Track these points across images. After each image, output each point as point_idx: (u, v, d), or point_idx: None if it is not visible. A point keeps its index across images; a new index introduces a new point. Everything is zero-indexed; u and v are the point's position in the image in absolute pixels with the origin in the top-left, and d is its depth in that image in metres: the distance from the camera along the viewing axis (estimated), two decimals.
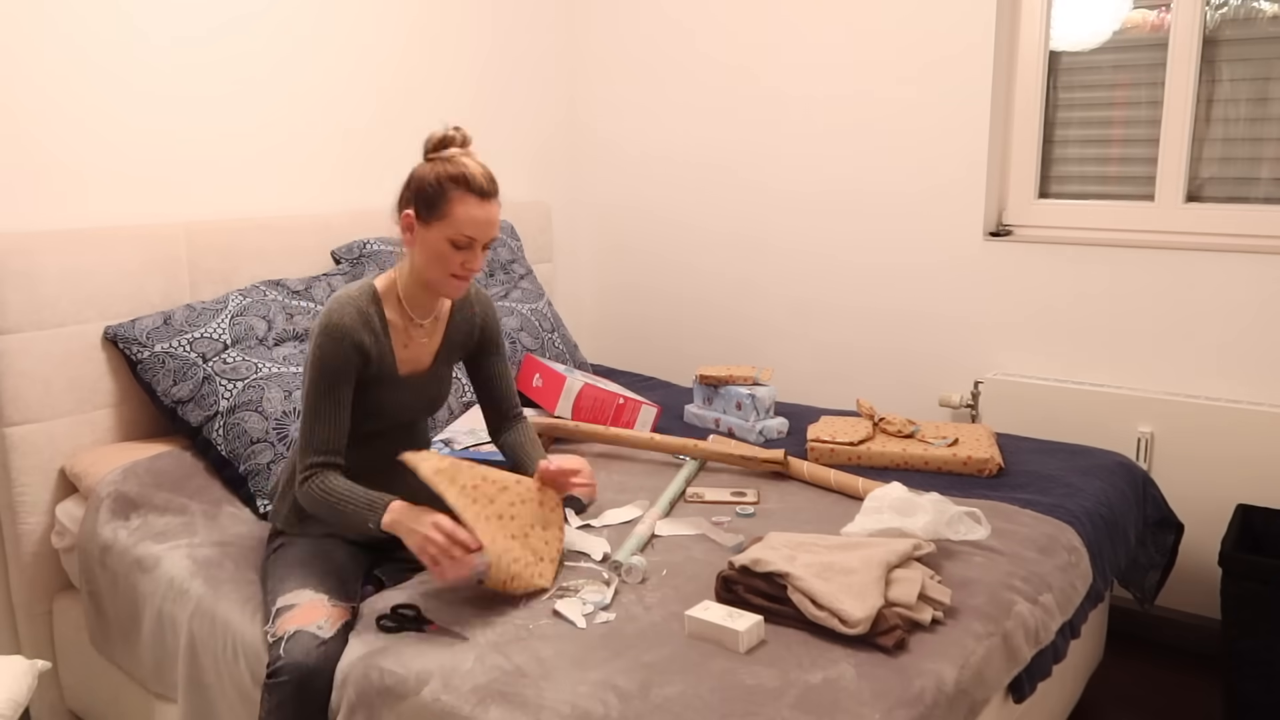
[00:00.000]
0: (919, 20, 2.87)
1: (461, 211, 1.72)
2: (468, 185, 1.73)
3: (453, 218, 1.72)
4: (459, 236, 1.73)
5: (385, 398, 1.81)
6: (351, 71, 2.85)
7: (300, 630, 1.54)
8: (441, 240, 1.74)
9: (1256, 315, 2.51)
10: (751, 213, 3.29)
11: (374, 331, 1.77)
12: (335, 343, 1.71)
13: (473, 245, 1.75)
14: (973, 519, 1.81)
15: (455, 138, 1.77)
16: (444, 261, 1.75)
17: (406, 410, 1.85)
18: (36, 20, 2.19)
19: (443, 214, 1.73)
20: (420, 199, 1.74)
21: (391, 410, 1.83)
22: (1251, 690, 2.22)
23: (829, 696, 1.36)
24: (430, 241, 1.74)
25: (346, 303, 1.75)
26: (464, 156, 1.76)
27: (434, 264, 1.76)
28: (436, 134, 1.78)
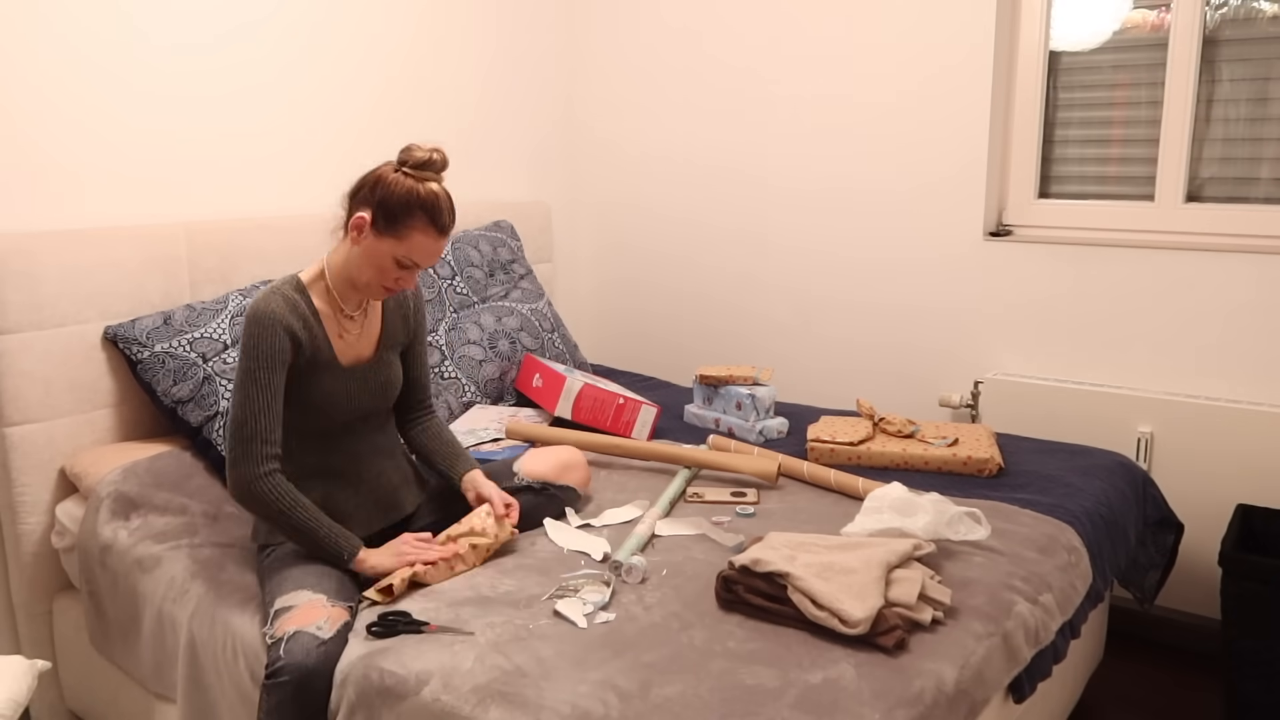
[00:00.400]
0: (919, 20, 2.87)
1: (419, 240, 1.74)
2: (433, 218, 1.74)
3: (409, 242, 1.74)
4: (406, 259, 1.76)
5: (332, 388, 1.81)
6: (352, 73, 2.85)
7: (300, 631, 1.54)
8: (388, 256, 1.76)
9: (1256, 315, 2.51)
10: (752, 213, 3.29)
11: (303, 318, 1.77)
12: (264, 329, 1.71)
13: (415, 268, 1.78)
14: (973, 519, 1.81)
15: (436, 161, 1.76)
16: (383, 274, 1.78)
17: (358, 401, 1.85)
18: (35, 22, 2.19)
19: (399, 234, 1.74)
20: (382, 209, 1.74)
21: (343, 401, 1.83)
22: (1251, 690, 2.22)
23: (829, 696, 1.36)
24: (376, 252, 1.76)
25: (271, 292, 1.76)
26: (436, 184, 1.76)
27: (371, 271, 1.78)
28: (420, 152, 1.76)
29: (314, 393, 1.79)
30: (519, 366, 2.77)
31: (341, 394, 1.82)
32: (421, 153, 1.76)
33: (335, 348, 1.83)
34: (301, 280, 1.81)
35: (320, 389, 1.80)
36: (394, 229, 1.73)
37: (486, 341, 2.73)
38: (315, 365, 1.79)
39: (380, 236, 1.74)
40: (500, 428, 2.47)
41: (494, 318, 2.80)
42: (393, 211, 1.73)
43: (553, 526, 1.96)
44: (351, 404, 1.84)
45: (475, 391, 2.64)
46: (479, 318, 2.77)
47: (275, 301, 1.74)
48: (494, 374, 2.70)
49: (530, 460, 2.04)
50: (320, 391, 1.80)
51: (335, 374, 1.82)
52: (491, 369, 2.70)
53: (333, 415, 1.82)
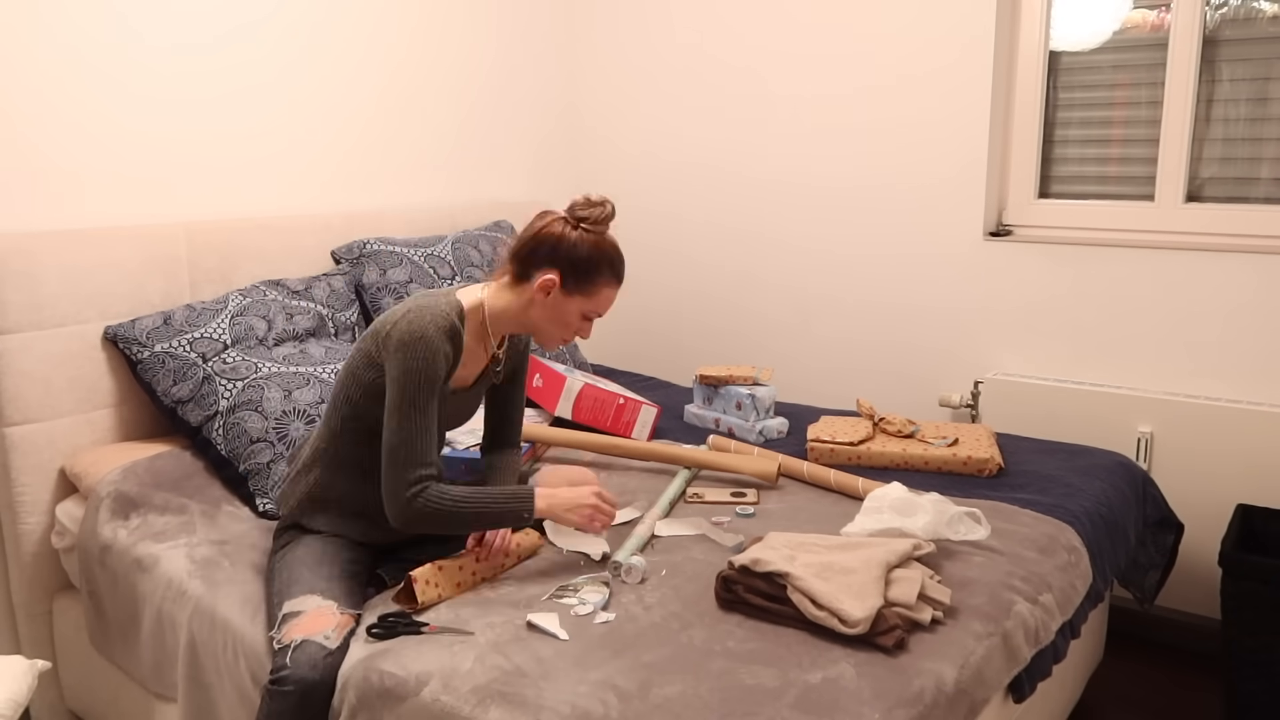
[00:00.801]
0: (919, 20, 2.87)
1: (607, 294, 1.80)
2: (616, 272, 1.80)
3: (598, 298, 1.79)
4: (594, 313, 1.80)
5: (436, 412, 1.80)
6: (352, 73, 2.85)
7: (307, 640, 1.53)
8: (576, 311, 1.80)
9: (1256, 315, 2.51)
10: (752, 212, 3.29)
11: (455, 347, 1.74)
12: (434, 353, 1.67)
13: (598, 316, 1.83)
14: (973, 519, 1.81)
15: (609, 214, 1.79)
16: (569, 327, 1.81)
17: (443, 423, 1.85)
18: (35, 24, 2.19)
19: (589, 291, 1.78)
20: (571, 269, 1.76)
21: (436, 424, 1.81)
22: (1251, 690, 2.22)
23: (829, 696, 1.36)
24: (565, 308, 1.79)
25: (439, 317, 1.71)
26: (611, 238, 1.79)
27: (557, 325, 1.81)
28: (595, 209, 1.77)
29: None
30: None
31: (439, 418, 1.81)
32: (595, 209, 1.77)
33: (455, 374, 1.83)
34: (463, 308, 1.78)
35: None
36: (585, 286, 1.77)
37: None
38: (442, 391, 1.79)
39: (569, 295, 1.77)
40: None
41: None
42: (583, 271, 1.76)
43: (553, 528, 1.96)
44: (440, 426, 1.84)
45: None
46: None
47: (443, 328, 1.70)
48: None
49: (543, 477, 2.03)
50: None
51: (443, 399, 1.81)
52: None
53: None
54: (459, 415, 1.89)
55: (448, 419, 1.86)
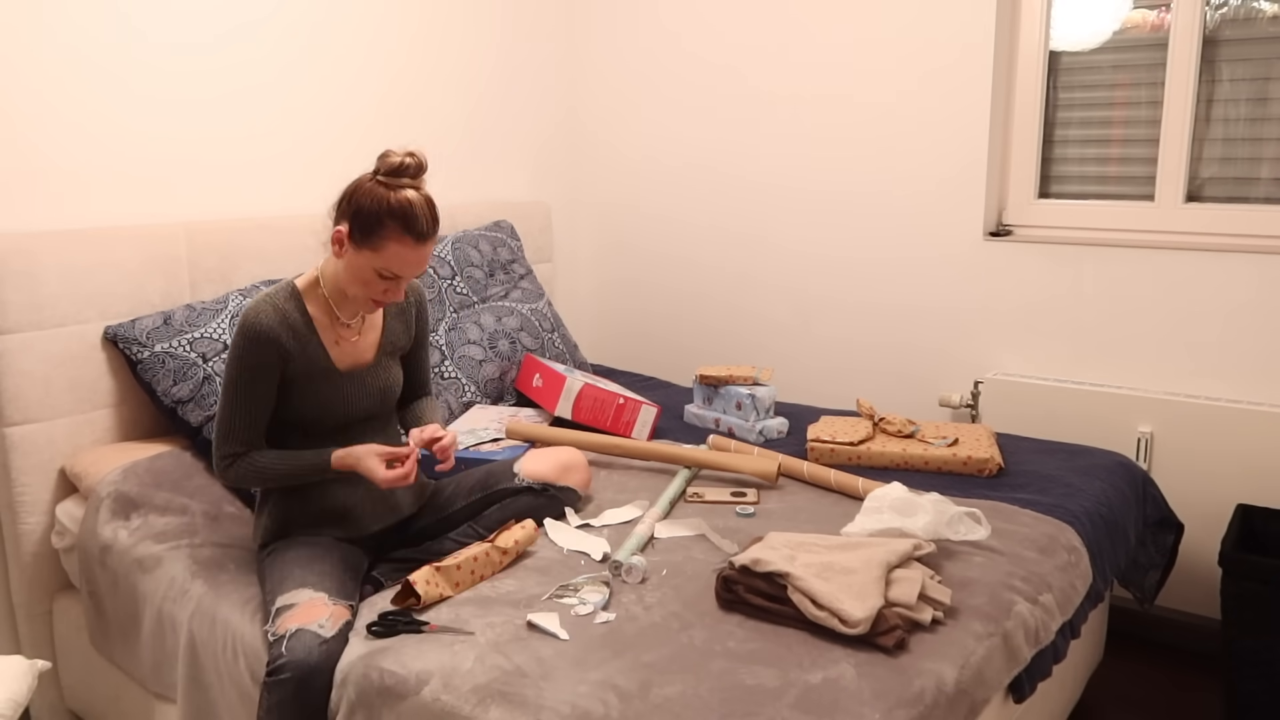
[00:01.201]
0: (919, 20, 2.87)
1: (395, 250, 1.70)
2: (407, 226, 1.69)
3: (384, 253, 1.70)
4: (386, 271, 1.72)
5: (328, 395, 1.81)
6: (353, 74, 2.85)
7: (302, 629, 1.54)
8: (368, 268, 1.73)
9: (1256, 315, 2.51)
10: (752, 213, 3.29)
11: (292, 328, 1.76)
12: (250, 340, 1.72)
13: (398, 278, 1.74)
14: (973, 519, 1.81)
15: (409, 165, 1.71)
16: (367, 286, 1.75)
17: (355, 405, 1.85)
18: (36, 23, 2.19)
19: (375, 246, 1.70)
20: (356, 222, 1.70)
21: (339, 406, 1.83)
22: (1251, 690, 2.22)
23: (829, 696, 1.36)
24: (357, 265, 1.73)
25: (262, 301, 1.75)
26: (411, 190, 1.70)
27: (356, 284, 1.76)
28: (393, 157, 1.71)
29: (309, 399, 1.80)
30: (519, 366, 2.77)
31: (338, 399, 1.82)
32: (395, 157, 1.71)
33: (332, 354, 1.82)
34: (297, 288, 1.81)
35: (316, 395, 1.80)
36: (369, 240, 1.70)
37: (486, 341, 2.73)
38: (310, 373, 1.79)
39: (358, 249, 1.71)
40: (500, 428, 2.46)
41: (494, 318, 2.80)
42: (366, 222, 1.69)
43: (553, 527, 1.96)
44: (349, 408, 1.84)
45: (475, 391, 2.64)
46: (479, 318, 2.77)
47: (265, 312, 1.74)
48: (494, 374, 2.70)
49: (531, 461, 2.04)
50: (316, 398, 1.80)
51: (332, 380, 1.82)
52: (491, 369, 2.70)
53: (330, 419, 1.82)
54: (368, 395, 1.86)
55: (357, 399, 1.84)
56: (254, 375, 1.73)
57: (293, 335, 1.76)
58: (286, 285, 1.80)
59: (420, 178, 1.74)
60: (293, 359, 1.77)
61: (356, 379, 1.85)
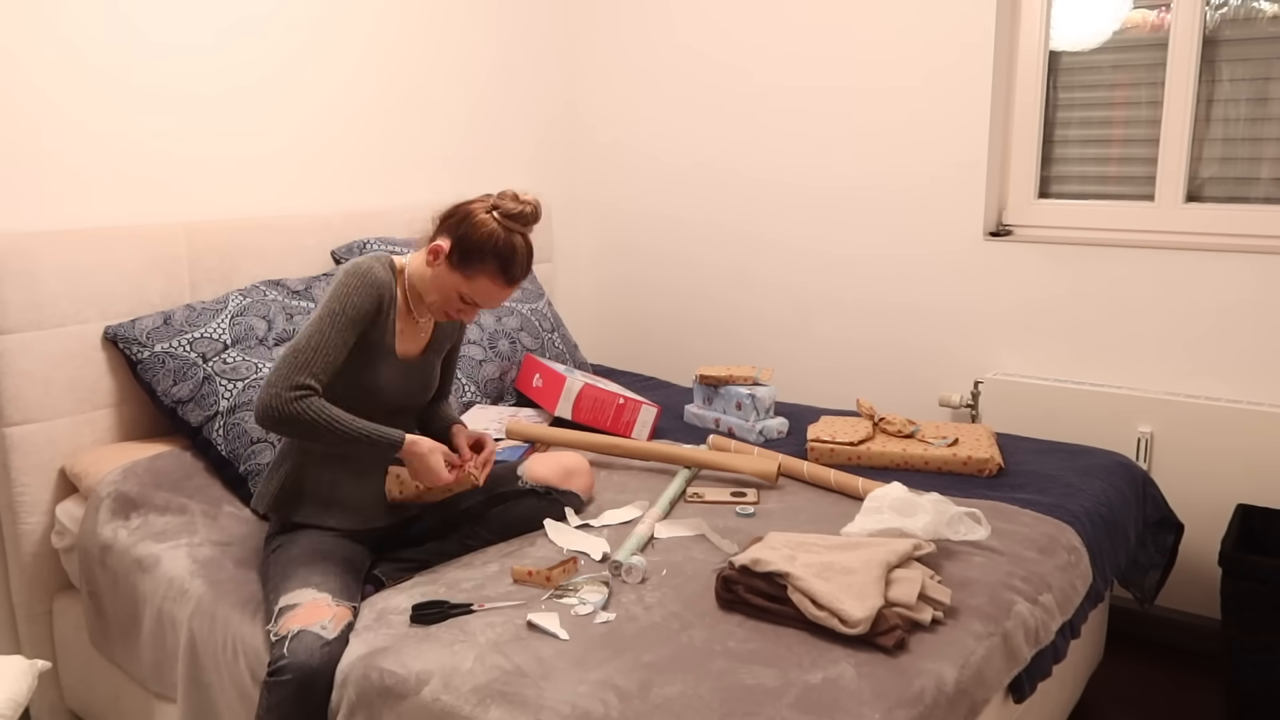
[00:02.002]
0: (919, 20, 2.87)
1: (485, 284, 1.79)
2: (504, 269, 1.79)
3: (475, 283, 1.79)
4: (471, 299, 1.82)
5: (382, 375, 1.84)
6: (352, 72, 2.85)
7: (304, 630, 1.54)
8: (454, 289, 1.81)
9: (1256, 315, 2.51)
10: (751, 213, 3.29)
11: (390, 294, 1.83)
12: (362, 283, 1.77)
13: (477, 306, 1.84)
14: (973, 519, 1.81)
15: (528, 215, 1.80)
16: (447, 301, 1.84)
17: (399, 393, 1.88)
18: (36, 22, 2.19)
19: (469, 273, 1.79)
20: (460, 245, 1.79)
21: (386, 390, 1.85)
22: (1251, 690, 2.22)
23: (829, 696, 1.36)
24: (446, 281, 1.82)
25: (377, 261, 1.81)
26: (520, 237, 1.80)
27: (437, 295, 1.84)
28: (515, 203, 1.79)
29: (365, 374, 1.82)
30: (519, 366, 2.77)
31: (388, 382, 1.85)
32: (517, 205, 1.80)
33: (397, 337, 1.87)
34: (396, 265, 1.87)
35: (373, 372, 1.83)
36: (465, 267, 1.78)
37: (486, 341, 2.73)
38: (379, 346, 1.83)
39: (452, 270, 1.80)
40: (500, 428, 2.47)
41: (494, 317, 2.80)
42: (469, 251, 1.77)
43: (552, 527, 1.96)
44: (391, 394, 1.87)
45: (475, 391, 2.64)
46: (479, 317, 2.78)
47: (377, 268, 1.80)
48: (494, 374, 2.71)
49: (535, 464, 2.04)
50: (372, 374, 1.83)
51: (390, 362, 1.85)
52: (491, 369, 2.70)
53: (374, 402, 1.84)
54: (410, 386, 1.91)
55: (402, 388, 1.88)
56: (352, 317, 1.76)
57: (389, 298, 1.83)
58: (389, 259, 1.86)
59: (531, 226, 1.82)
60: (380, 320, 1.81)
61: (405, 368, 1.89)
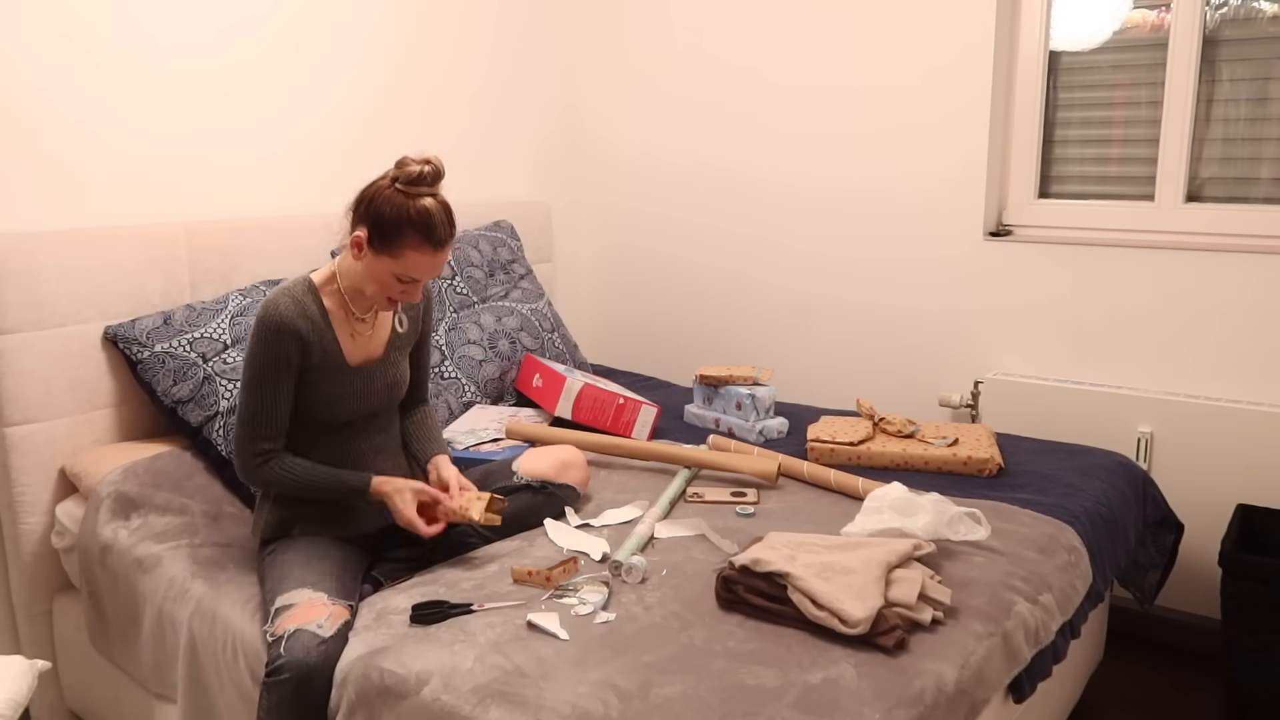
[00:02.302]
0: (919, 20, 2.87)
1: (413, 257, 1.74)
2: (426, 235, 1.72)
3: (403, 260, 1.74)
4: (404, 275, 1.76)
5: (340, 389, 1.82)
6: (352, 72, 2.85)
7: (300, 629, 1.54)
8: (387, 272, 1.76)
9: (1256, 315, 2.51)
10: (752, 213, 3.29)
11: (312, 320, 1.79)
12: (272, 332, 1.74)
13: (416, 281, 1.79)
14: (973, 519, 1.81)
15: (427, 174, 1.73)
16: (385, 288, 1.79)
17: (365, 400, 1.87)
18: (36, 21, 2.19)
19: (394, 253, 1.74)
20: (376, 228, 1.73)
21: (350, 400, 1.84)
22: (1251, 690, 2.22)
23: (829, 696, 1.36)
24: (376, 268, 1.77)
25: (281, 294, 1.77)
26: (429, 198, 1.73)
27: (374, 285, 1.80)
28: (411, 166, 1.73)
29: (321, 393, 1.81)
30: (519, 366, 2.77)
31: (349, 393, 1.84)
32: (414, 166, 1.73)
33: (345, 348, 1.84)
34: (313, 282, 1.83)
35: (328, 389, 1.81)
36: (389, 247, 1.73)
37: (486, 341, 2.73)
38: (325, 367, 1.81)
39: (377, 255, 1.75)
40: (500, 428, 2.47)
41: (494, 318, 2.80)
42: (386, 230, 1.72)
43: (552, 526, 1.96)
44: (359, 403, 1.86)
45: (475, 391, 2.64)
46: (479, 318, 2.77)
47: (285, 304, 1.76)
48: (494, 374, 2.70)
49: (529, 459, 2.04)
50: (328, 392, 1.81)
51: (344, 374, 1.83)
52: (491, 369, 2.70)
53: (339, 413, 1.84)
54: (375, 389, 1.88)
55: (367, 394, 1.87)
56: (277, 368, 1.75)
57: (311, 327, 1.79)
58: (302, 280, 1.82)
59: (437, 185, 1.76)
60: (311, 351, 1.78)
61: (367, 374, 1.87)
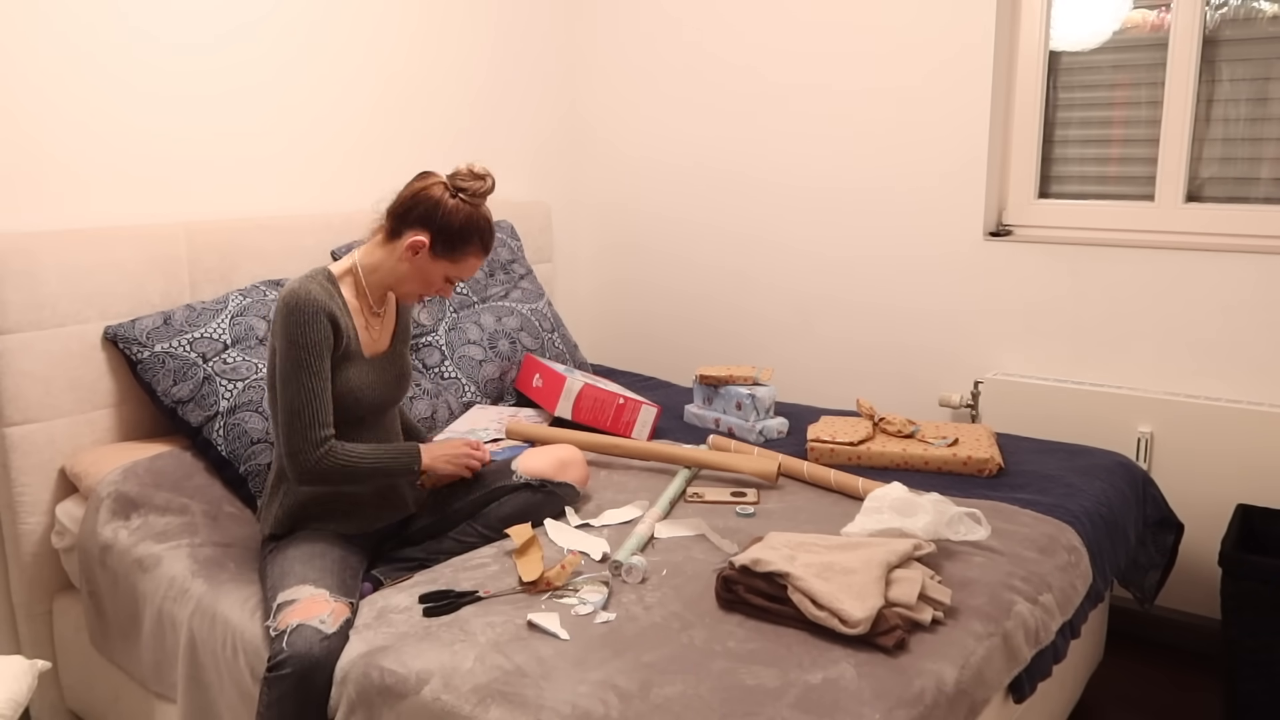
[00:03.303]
0: (919, 20, 2.87)
1: (472, 262, 1.87)
2: (486, 243, 1.87)
3: (463, 265, 1.86)
4: (457, 278, 1.87)
5: (359, 379, 1.84)
6: (352, 72, 2.85)
7: (303, 624, 1.54)
8: (441, 274, 1.86)
9: (1256, 315, 2.52)
10: (752, 213, 3.29)
11: (338, 306, 1.82)
12: (306, 315, 1.74)
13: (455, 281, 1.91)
14: (973, 519, 1.81)
15: (489, 188, 1.85)
16: (429, 286, 1.88)
17: (378, 391, 1.88)
18: (35, 21, 2.19)
19: (456, 259, 1.85)
20: (442, 235, 1.82)
21: (365, 392, 1.85)
22: (1251, 690, 2.22)
23: (829, 696, 1.36)
24: (430, 270, 1.85)
25: (306, 280, 1.78)
26: (486, 210, 1.86)
27: (418, 283, 1.87)
28: (474, 182, 1.83)
29: (341, 383, 1.82)
30: (519, 366, 2.77)
31: (366, 385, 1.85)
32: (476, 181, 1.84)
33: (361, 340, 1.87)
34: (332, 273, 1.85)
35: (348, 379, 1.83)
36: (452, 253, 1.84)
37: (486, 341, 2.73)
38: (347, 355, 1.83)
39: (436, 258, 1.84)
40: (500, 428, 2.47)
41: (494, 318, 2.80)
42: (452, 238, 1.82)
43: (553, 526, 1.96)
44: (374, 395, 1.87)
45: (475, 391, 2.64)
46: (479, 318, 2.78)
47: (311, 289, 1.77)
48: (494, 374, 2.70)
49: (528, 458, 2.04)
50: (348, 382, 1.83)
51: (361, 365, 1.85)
52: (491, 369, 2.70)
53: (355, 406, 1.84)
54: (388, 381, 1.92)
55: (379, 386, 1.89)
56: (318, 350, 1.75)
57: (340, 310, 1.82)
58: (320, 270, 1.84)
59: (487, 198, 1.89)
60: (340, 335, 1.81)
61: (379, 365, 1.90)
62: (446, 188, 1.83)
